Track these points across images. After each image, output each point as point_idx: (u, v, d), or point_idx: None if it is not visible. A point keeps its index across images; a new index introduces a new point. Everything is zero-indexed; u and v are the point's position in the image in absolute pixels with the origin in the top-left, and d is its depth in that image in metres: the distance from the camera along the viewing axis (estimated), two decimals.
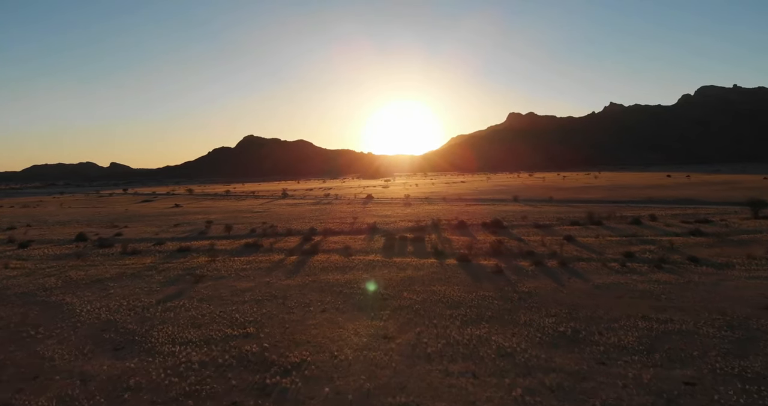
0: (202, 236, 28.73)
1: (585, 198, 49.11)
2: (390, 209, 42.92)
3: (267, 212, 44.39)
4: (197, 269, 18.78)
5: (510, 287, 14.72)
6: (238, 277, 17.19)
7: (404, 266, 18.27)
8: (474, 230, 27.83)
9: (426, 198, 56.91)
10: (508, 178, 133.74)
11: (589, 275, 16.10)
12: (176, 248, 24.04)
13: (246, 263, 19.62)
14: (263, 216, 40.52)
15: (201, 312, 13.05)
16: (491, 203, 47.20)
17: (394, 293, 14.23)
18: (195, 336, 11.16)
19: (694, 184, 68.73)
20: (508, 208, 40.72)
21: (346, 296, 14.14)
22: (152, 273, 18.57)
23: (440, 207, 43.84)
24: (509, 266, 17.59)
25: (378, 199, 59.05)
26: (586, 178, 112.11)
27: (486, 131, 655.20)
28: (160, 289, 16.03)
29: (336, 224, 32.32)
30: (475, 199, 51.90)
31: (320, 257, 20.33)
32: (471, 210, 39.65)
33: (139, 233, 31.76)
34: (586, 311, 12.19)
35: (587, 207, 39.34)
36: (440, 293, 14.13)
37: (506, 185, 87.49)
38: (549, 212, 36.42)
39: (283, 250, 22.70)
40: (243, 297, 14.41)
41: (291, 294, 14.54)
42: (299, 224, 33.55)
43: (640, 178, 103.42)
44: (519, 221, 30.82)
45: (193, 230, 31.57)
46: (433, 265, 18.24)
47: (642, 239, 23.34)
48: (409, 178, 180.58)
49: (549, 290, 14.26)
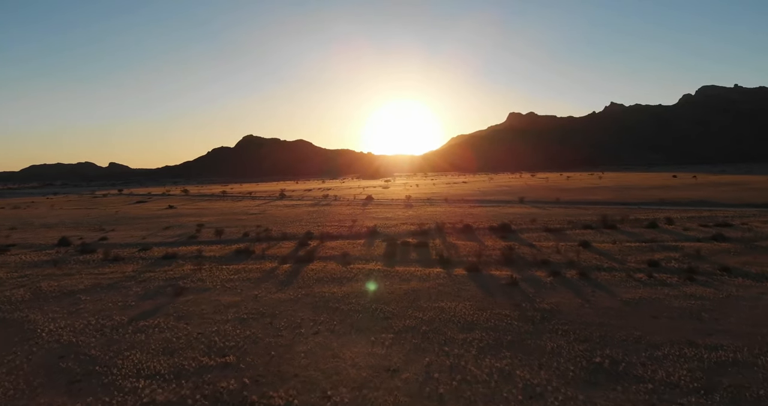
0: (191, 241, 27.05)
1: (592, 199, 47.44)
2: (391, 211, 41.27)
3: (263, 214, 42.72)
4: (180, 280, 17.11)
5: (528, 302, 13.04)
6: (224, 289, 15.51)
7: (408, 276, 16.59)
8: (481, 234, 26.15)
9: (427, 199, 55.24)
10: (510, 179, 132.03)
11: (615, 288, 14.43)
12: (161, 255, 22.36)
13: (234, 273, 17.94)
14: (258, 218, 38.85)
15: (177, 334, 11.37)
16: (496, 204, 45.53)
17: (397, 310, 12.55)
18: (165, 367, 9.47)
19: (702, 185, 67.09)
20: (514, 210, 39.06)
21: (343, 313, 12.46)
22: (131, 284, 16.90)
23: (443, 209, 42.17)
24: (524, 277, 15.91)
25: (378, 200, 57.39)
26: (590, 178, 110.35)
27: (486, 131, 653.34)
28: (135, 303, 14.35)
29: (334, 228, 30.65)
30: (479, 201, 50.23)
31: (316, 266, 18.65)
32: (476, 212, 37.99)
33: (125, 237, 30.08)
34: (621, 335, 10.51)
35: (597, 209, 37.67)
36: (450, 310, 12.45)
37: (509, 186, 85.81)
38: (558, 214, 34.75)
39: (276, 257, 21.02)
40: (226, 315, 12.73)
41: (281, 311, 12.86)
42: (295, 227, 31.88)
43: (645, 178, 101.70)
44: (528, 224, 29.15)
45: (183, 234, 29.89)
46: (439, 275, 16.56)
47: (663, 244, 21.67)
48: (409, 179, 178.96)
49: (573, 307, 12.58)
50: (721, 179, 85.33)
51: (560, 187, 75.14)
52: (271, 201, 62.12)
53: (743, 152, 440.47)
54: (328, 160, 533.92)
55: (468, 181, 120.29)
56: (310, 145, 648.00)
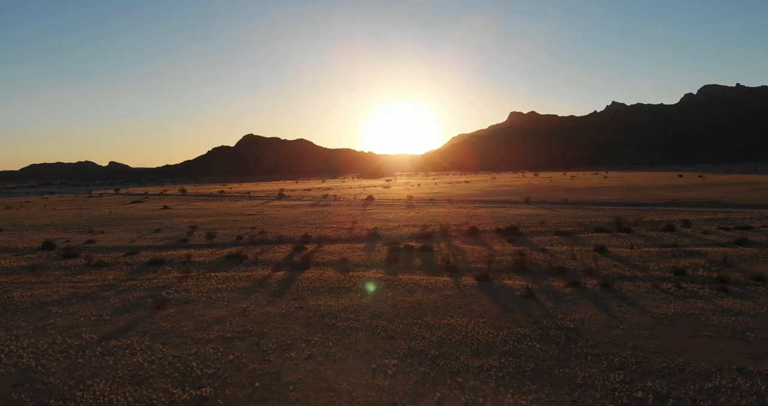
0: (181, 245, 25.63)
1: (601, 200, 45.98)
2: (392, 212, 39.81)
3: (259, 215, 41.29)
4: (164, 290, 15.68)
5: (549, 319, 11.60)
6: (210, 301, 14.07)
7: (412, 285, 15.15)
8: (488, 237, 24.71)
9: (430, 199, 53.80)
10: (513, 178, 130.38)
11: (643, 301, 12.98)
12: (148, 260, 20.94)
13: (223, 281, 16.50)
14: (255, 220, 37.42)
15: (150, 357, 9.94)
16: (501, 205, 44.07)
17: (401, 329, 11.12)
18: (130, 401, 8.04)
19: (711, 185, 65.59)
20: (521, 211, 37.59)
21: (340, 332, 11.02)
22: (109, 294, 15.47)
23: (446, 210, 40.72)
24: (541, 288, 14.46)
25: (379, 200, 55.95)
26: (595, 178, 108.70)
27: (487, 130, 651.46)
28: (110, 318, 12.93)
29: (333, 230, 29.22)
30: (483, 201, 48.77)
31: (312, 273, 17.22)
32: (481, 213, 36.53)
33: (114, 239, 28.66)
34: (661, 361, 9.07)
35: (607, 210, 36.22)
36: (461, 328, 11.01)
37: (512, 186, 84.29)
38: (567, 215, 33.29)
39: (269, 263, 19.59)
40: (209, 333, 11.29)
41: (270, 329, 11.43)
42: (292, 229, 30.45)
43: (651, 178, 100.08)
44: (537, 226, 27.69)
45: (174, 237, 28.47)
46: (446, 285, 15.12)
47: (684, 250, 20.22)
48: (410, 178, 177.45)
49: (600, 325, 11.14)
50: (729, 179, 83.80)
51: (565, 186, 73.64)
52: (269, 201, 60.70)
53: (745, 151, 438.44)
54: (329, 160, 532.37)
55: (470, 181, 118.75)
56: (311, 145, 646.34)
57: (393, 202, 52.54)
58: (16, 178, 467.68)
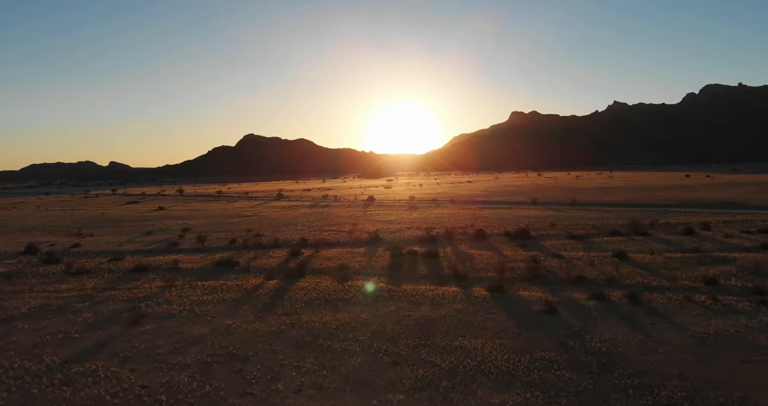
0: (170, 249, 24.20)
1: (610, 201, 44.50)
2: (394, 214, 38.38)
3: (256, 217, 39.87)
4: (144, 301, 14.27)
5: (576, 340, 10.15)
6: (192, 316, 12.65)
7: (417, 297, 13.72)
8: (497, 241, 23.26)
9: (432, 200, 52.33)
10: (516, 178, 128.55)
11: (677, 317, 11.55)
12: (132, 267, 19.53)
13: (209, 292, 15.08)
14: (251, 222, 36.00)
15: (114, 388, 8.51)
16: (507, 206, 42.59)
17: (407, 352, 9.67)
18: None
19: (720, 185, 64.08)
20: (528, 212, 36.12)
21: (336, 356, 9.58)
22: (83, 307, 14.05)
23: (450, 211, 39.26)
24: (561, 300, 13.01)
25: (380, 201, 54.50)
26: (601, 178, 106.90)
27: (488, 130, 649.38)
28: (80, 335, 11.52)
29: (332, 233, 27.79)
30: (488, 202, 47.30)
31: (307, 283, 15.78)
32: (486, 215, 35.08)
33: (101, 243, 27.26)
34: (715, 397, 7.62)
35: (618, 212, 34.76)
36: (476, 352, 9.57)
37: (516, 186, 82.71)
38: (578, 217, 31.83)
39: (262, 270, 18.16)
40: (186, 356, 9.86)
41: (256, 352, 9.99)
42: (289, 232, 29.03)
43: (657, 178, 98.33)
44: (547, 229, 26.24)
45: (164, 240, 27.06)
46: (456, 296, 13.68)
47: (710, 255, 18.76)
48: (412, 178, 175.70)
49: (636, 348, 9.70)
50: (736, 179, 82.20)
51: (571, 187, 72.07)
52: (267, 202, 59.21)
53: (748, 151, 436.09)
54: (330, 160, 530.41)
55: (473, 181, 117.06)
56: (312, 145, 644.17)
57: (395, 202, 51.11)
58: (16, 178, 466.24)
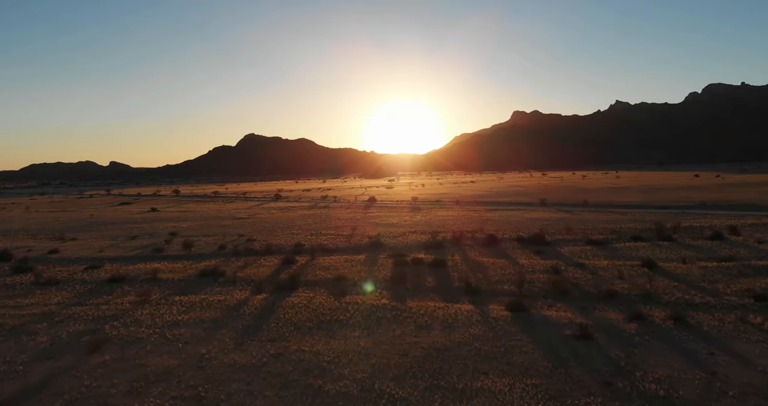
0: (154, 256, 22.30)
1: (623, 202, 42.50)
2: (396, 216, 36.45)
3: (251, 219, 37.96)
4: (111, 321, 12.37)
5: (624, 379, 8.21)
6: (161, 342, 10.74)
7: (426, 318, 11.80)
8: (509, 247, 21.32)
9: (436, 201, 50.33)
10: (520, 178, 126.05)
11: (738, 346, 9.60)
12: (108, 277, 17.63)
13: (186, 309, 13.17)
14: (245, 224, 34.09)
15: None
16: (515, 207, 40.61)
17: (416, 398, 7.75)
18: None
19: (732, 186, 62.01)
20: (538, 214, 34.16)
21: (328, 403, 7.66)
22: (41, 328, 12.16)
23: (456, 213, 37.29)
24: (595, 323, 11.07)
25: (382, 202, 52.56)
26: (608, 178, 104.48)
27: (490, 130, 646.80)
28: (24, 367, 9.64)
29: (330, 237, 25.88)
30: (494, 203, 45.33)
31: (299, 298, 13.87)
32: (495, 217, 33.12)
33: (82, 248, 25.37)
34: None
35: (635, 214, 32.79)
36: (504, 398, 7.63)
37: (522, 186, 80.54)
38: (592, 220, 29.87)
39: (249, 281, 16.26)
40: (144, 401, 7.95)
41: (230, 394, 8.07)
42: (284, 236, 27.12)
43: (665, 178, 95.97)
44: (563, 233, 24.28)
45: (149, 246, 25.17)
46: (471, 317, 11.75)
47: (748, 265, 16.80)
48: (413, 178, 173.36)
49: (699, 390, 7.76)
50: (748, 179, 79.99)
51: (579, 187, 69.93)
52: (264, 203, 57.24)
53: (752, 150, 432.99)
54: (330, 159, 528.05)
55: (476, 181, 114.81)
56: (312, 144, 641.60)
57: (397, 204, 49.17)
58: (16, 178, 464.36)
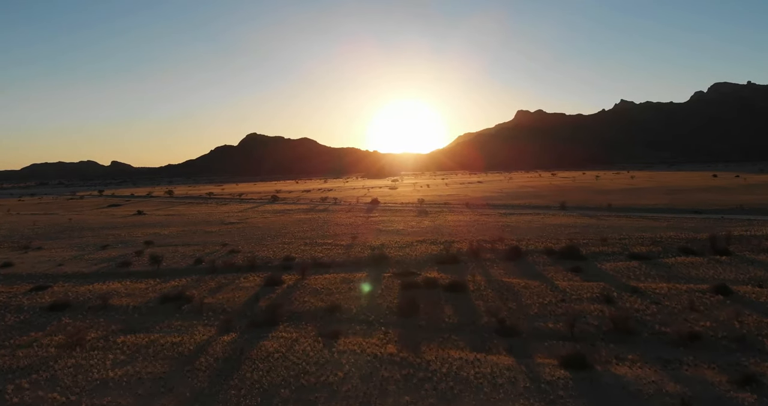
0: (117, 272, 18.94)
1: (648, 205, 38.92)
2: (402, 220, 33.01)
3: (242, 224, 34.56)
4: (20, 377, 9.04)
5: None
6: None
7: (450, 380, 8.39)
8: (538, 262, 17.87)
9: (444, 203, 46.74)
10: (529, 178, 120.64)
11: None
12: (50, 303, 14.30)
13: (127, 359, 9.79)
14: (233, 231, 30.70)
15: None
16: (532, 211, 37.05)
17: None
18: None
19: (759, 187, 58.23)
20: (561, 220, 30.63)
21: None
22: None
23: (467, 217, 33.76)
24: (693, 391, 7.65)
25: (385, 204, 49.07)
26: (622, 178, 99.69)
27: (493, 129, 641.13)
28: None
29: (326, 248, 22.48)
30: (508, 206, 41.80)
31: (277, 342, 10.48)
32: (513, 223, 29.62)
33: (41, 261, 22.02)
34: None
35: (669, 220, 29.27)
36: None
37: (533, 186, 76.34)
38: (625, 227, 26.38)
39: (220, 311, 12.88)
40: None
41: None
42: (274, 246, 23.72)
43: (682, 178, 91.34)
44: (598, 244, 20.79)
45: (117, 258, 21.80)
46: (514, 380, 8.33)
47: None
48: (417, 178, 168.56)
49: None
50: None
51: (595, 188, 65.95)
52: (260, 205, 53.66)
53: (760, 149, 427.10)
54: (333, 159, 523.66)
55: (483, 181, 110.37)
56: (315, 144, 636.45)
57: (401, 206, 45.71)
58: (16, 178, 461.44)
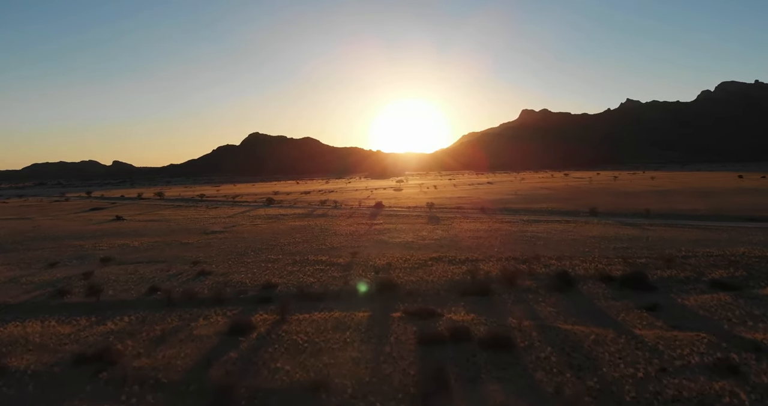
0: (46, 305, 14.53)
1: (687, 211, 34.27)
2: (410, 229, 28.51)
3: (226, 233, 30.14)
4: None
5: None
6: None
7: None
8: (597, 293, 13.35)
9: (456, 208, 42.18)
10: (541, 179, 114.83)
11: None
12: None
13: None
14: (213, 242, 26.30)
15: None
16: (560, 217, 32.44)
17: None
18: None
19: None
20: (599, 230, 26.05)
21: None
22: None
23: (487, 226, 29.21)
24: None
25: (390, 208, 44.60)
26: (641, 179, 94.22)
27: (498, 128, 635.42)
28: None
29: (318, 269, 18.01)
30: (529, 211, 37.25)
31: None
32: (542, 233, 25.07)
33: None
34: None
35: (729, 231, 24.73)
36: None
37: (549, 188, 71.21)
38: (680, 240, 21.80)
39: (147, 387, 8.43)
40: None
41: None
42: (255, 265, 19.27)
43: (706, 179, 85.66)
44: (662, 266, 16.21)
45: (58, 282, 17.36)
46: None
47: None
48: (423, 178, 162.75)
49: None
50: None
51: (618, 190, 60.93)
52: (253, 209, 49.17)
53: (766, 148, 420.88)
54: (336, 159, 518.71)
55: (493, 182, 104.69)
56: (318, 143, 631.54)
57: (409, 210, 41.21)
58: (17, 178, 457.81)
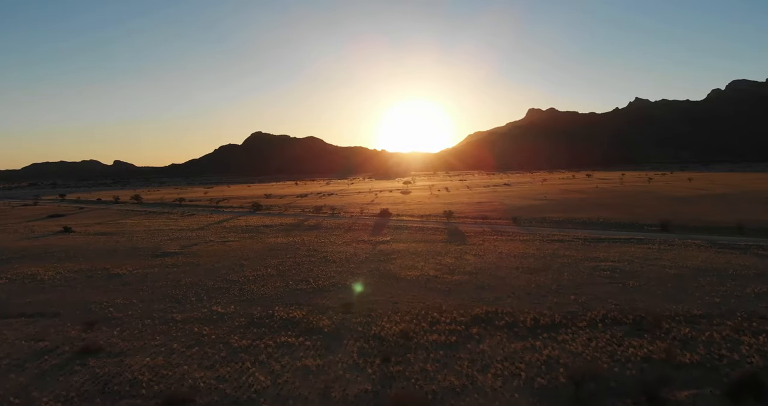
0: None
1: None
2: (429, 253, 20.80)
3: (179, 257, 22.48)
4: None
5: None
6: None
7: None
8: None
9: (481, 217, 34.17)
10: (563, 180, 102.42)
11: None
12: None
13: None
14: (154, 274, 18.73)
15: None
16: (624, 234, 24.51)
17: None
18: None
19: None
20: (696, 256, 18.25)
21: None
22: None
23: (535, 248, 21.32)
24: None
25: (398, 216, 36.81)
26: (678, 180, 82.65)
27: (505, 128, 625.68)
28: None
29: (279, 354, 10.35)
30: (574, 222, 29.39)
31: None
32: (622, 263, 17.28)
33: None
34: None
35: None
36: None
37: (580, 191, 61.50)
38: None
39: None
40: None
41: None
42: (181, 333, 11.60)
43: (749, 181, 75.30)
44: None
45: None
46: None
47: None
48: (431, 179, 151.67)
49: None
50: None
51: (662, 194, 51.88)
52: (234, 217, 41.06)
53: None
54: (341, 158, 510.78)
55: (511, 183, 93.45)
56: (321, 143, 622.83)
57: (422, 221, 33.47)
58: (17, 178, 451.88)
